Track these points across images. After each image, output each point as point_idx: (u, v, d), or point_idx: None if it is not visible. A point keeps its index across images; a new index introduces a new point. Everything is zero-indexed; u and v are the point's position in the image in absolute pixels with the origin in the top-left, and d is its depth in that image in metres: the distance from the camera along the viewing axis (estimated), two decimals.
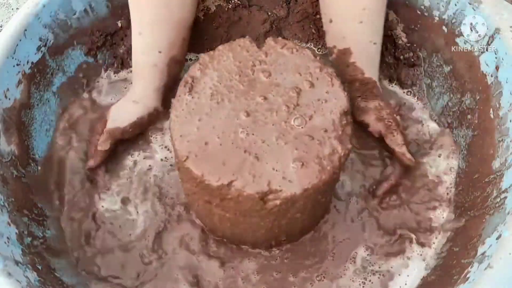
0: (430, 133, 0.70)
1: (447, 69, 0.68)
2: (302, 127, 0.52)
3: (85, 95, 0.73)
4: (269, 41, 0.58)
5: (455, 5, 0.64)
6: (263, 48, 0.58)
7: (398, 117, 0.64)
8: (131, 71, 0.73)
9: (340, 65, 0.68)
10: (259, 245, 0.61)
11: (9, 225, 0.54)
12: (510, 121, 0.57)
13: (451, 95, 0.68)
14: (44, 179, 0.65)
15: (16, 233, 0.54)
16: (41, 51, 0.64)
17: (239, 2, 0.76)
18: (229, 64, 0.56)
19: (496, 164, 0.58)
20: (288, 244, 0.62)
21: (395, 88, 0.74)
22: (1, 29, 0.74)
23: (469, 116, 0.64)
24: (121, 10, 0.72)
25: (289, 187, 0.49)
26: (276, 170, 0.50)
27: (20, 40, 0.61)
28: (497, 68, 0.59)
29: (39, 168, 0.64)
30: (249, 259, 0.61)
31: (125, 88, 0.74)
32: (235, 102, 0.54)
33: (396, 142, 0.62)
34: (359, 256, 0.61)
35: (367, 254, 0.61)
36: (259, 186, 0.49)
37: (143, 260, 0.61)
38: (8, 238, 0.52)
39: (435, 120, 0.71)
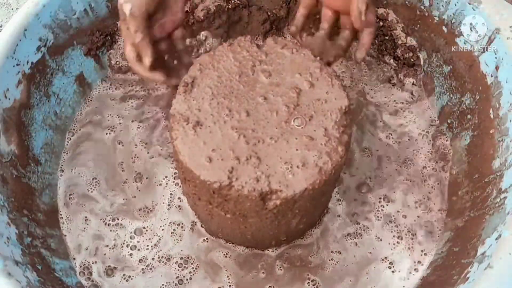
0: (429, 131, 0.70)
1: (447, 69, 0.68)
2: (302, 127, 0.52)
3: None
4: (269, 41, 0.58)
5: (455, 5, 0.64)
6: (263, 48, 0.58)
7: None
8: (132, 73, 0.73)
9: None
10: (259, 245, 0.61)
11: (9, 225, 0.54)
12: (510, 121, 0.57)
13: (451, 95, 0.68)
14: None
15: (16, 233, 0.54)
16: (41, 51, 0.64)
17: (239, 2, 0.76)
18: (229, 64, 0.56)
19: (496, 164, 0.58)
20: (288, 244, 0.62)
21: (395, 88, 0.74)
22: (1, 29, 0.74)
23: (469, 116, 0.64)
24: None
25: (289, 187, 0.49)
26: (276, 170, 0.50)
27: (20, 40, 0.60)
28: (497, 68, 0.59)
29: None
30: (249, 259, 0.61)
31: (125, 88, 0.74)
32: (235, 102, 0.54)
33: (359, 10, 0.56)
34: (359, 255, 0.61)
35: (368, 253, 0.61)
36: (259, 186, 0.49)
37: None
38: (8, 238, 0.52)
39: (435, 120, 0.71)
